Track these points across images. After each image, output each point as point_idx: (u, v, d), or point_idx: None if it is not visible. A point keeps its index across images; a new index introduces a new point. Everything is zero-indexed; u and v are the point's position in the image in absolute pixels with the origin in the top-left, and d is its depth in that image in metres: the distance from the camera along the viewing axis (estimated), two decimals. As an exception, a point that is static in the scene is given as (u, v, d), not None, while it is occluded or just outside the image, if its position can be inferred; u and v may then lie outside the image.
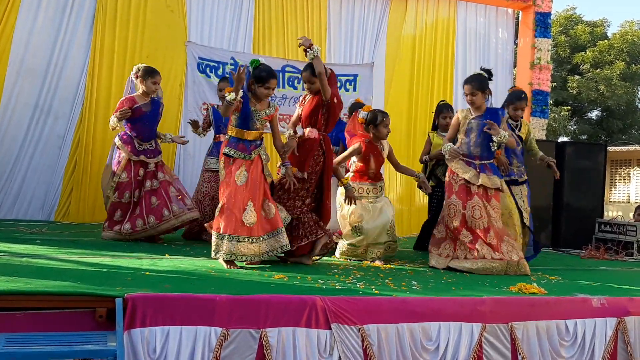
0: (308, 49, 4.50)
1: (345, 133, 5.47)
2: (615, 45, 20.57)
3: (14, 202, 6.84)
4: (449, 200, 4.94)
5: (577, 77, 20.59)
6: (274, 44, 7.98)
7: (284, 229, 4.35)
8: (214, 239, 4.21)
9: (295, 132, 4.67)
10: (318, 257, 4.82)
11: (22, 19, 6.88)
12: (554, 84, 19.24)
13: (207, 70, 7.41)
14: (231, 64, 7.68)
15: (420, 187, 5.31)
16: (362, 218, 4.99)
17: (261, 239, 4.22)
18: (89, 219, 6.93)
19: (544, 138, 9.13)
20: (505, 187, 5.05)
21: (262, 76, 4.34)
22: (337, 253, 5.19)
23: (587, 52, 20.83)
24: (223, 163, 4.32)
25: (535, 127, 8.89)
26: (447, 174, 5.07)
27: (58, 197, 7.05)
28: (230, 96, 4.20)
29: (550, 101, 18.52)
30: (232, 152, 4.31)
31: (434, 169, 6.05)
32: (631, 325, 3.77)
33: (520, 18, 9.71)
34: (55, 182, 7.06)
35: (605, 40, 21.05)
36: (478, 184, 4.82)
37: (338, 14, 8.50)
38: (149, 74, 5.42)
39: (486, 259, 4.70)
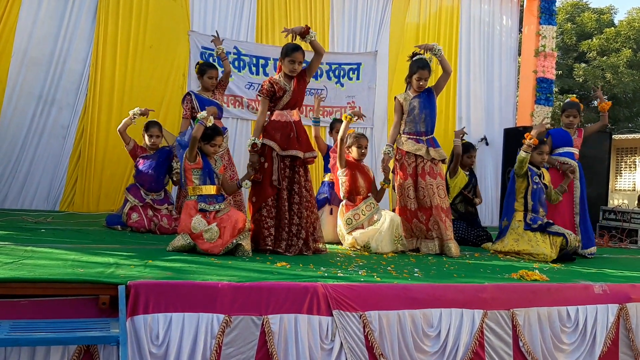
0: (306, 34, 4.55)
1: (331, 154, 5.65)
2: (622, 32, 20.39)
3: (20, 192, 6.86)
4: (404, 182, 5.24)
5: (583, 65, 20.44)
6: (277, 33, 7.93)
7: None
8: None
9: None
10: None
11: (25, 9, 6.87)
12: (560, 72, 19.11)
13: (210, 59, 7.38)
14: (234, 54, 7.67)
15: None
16: (368, 239, 4.99)
17: None
18: (93, 209, 6.96)
19: (549, 126, 9.09)
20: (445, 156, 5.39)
21: (207, 134, 4.42)
22: (345, 244, 5.21)
23: (594, 40, 20.65)
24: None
25: (539, 115, 8.86)
26: (396, 156, 5.34)
27: (63, 187, 7.07)
28: (201, 114, 4.34)
29: (556, 89, 18.42)
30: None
31: (454, 202, 6.14)
32: (633, 311, 3.79)
33: (525, 5, 9.63)
34: (60, 172, 7.08)
35: (612, 28, 20.87)
36: (430, 158, 5.16)
37: (341, 2, 8.45)
38: (145, 128, 5.63)
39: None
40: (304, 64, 4.75)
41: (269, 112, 4.72)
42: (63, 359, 2.73)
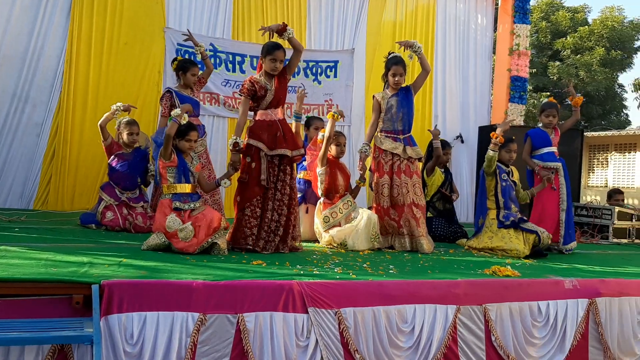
0: (283, 32, 4.54)
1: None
2: (596, 31, 20.71)
3: (-7, 190, 6.79)
4: (380, 180, 5.27)
5: (557, 63, 20.73)
6: (253, 30, 7.93)
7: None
8: None
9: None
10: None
11: (-2, 6, 6.79)
12: (534, 70, 19.34)
13: (186, 56, 7.34)
14: (210, 50, 7.64)
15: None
16: (345, 236, 5.02)
17: None
18: (67, 207, 6.89)
19: (522, 124, 9.23)
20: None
21: (181, 129, 4.41)
22: (322, 242, 5.23)
23: (568, 38, 20.95)
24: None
25: (513, 113, 8.98)
26: (374, 154, 5.38)
27: (37, 185, 6.99)
28: (175, 112, 4.35)
29: (530, 87, 18.67)
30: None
31: (432, 200, 6.20)
32: (602, 306, 3.87)
33: (499, 4, 9.75)
34: (34, 170, 7.00)
35: (586, 26, 21.19)
36: (407, 157, 5.19)
37: (318, 0, 8.47)
38: (125, 125, 5.55)
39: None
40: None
41: (252, 112, 4.71)
42: (37, 358, 2.72)
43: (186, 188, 4.37)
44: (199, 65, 6.03)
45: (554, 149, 5.81)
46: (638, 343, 3.95)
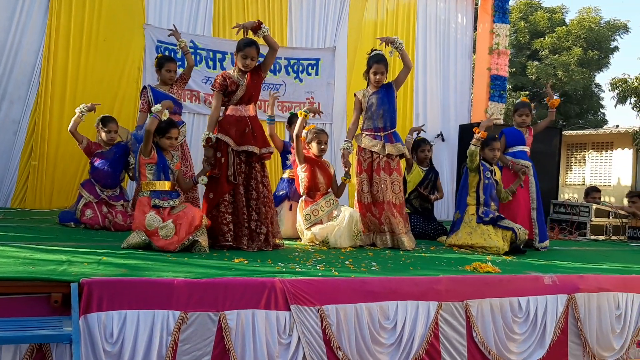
0: (258, 29, 4.52)
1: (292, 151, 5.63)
2: (573, 31, 20.97)
3: (-31, 189, 6.67)
4: (360, 176, 5.31)
5: (536, 62, 20.95)
6: (234, 27, 7.88)
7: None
8: None
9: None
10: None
11: (-26, 1, 6.67)
12: (513, 69, 19.53)
13: (166, 53, 7.28)
14: (191, 47, 7.57)
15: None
16: (327, 234, 5.01)
17: None
18: (46, 206, 6.79)
19: (502, 122, 9.31)
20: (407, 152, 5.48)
21: (162, 127, 4.37)
22: (304, 240, 5.23)
23: (546, 38, 21.19)
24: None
25: (493, 112, 9.06)
26: (356, 151, 5.43)
27: (14, 183, 6.89)
28: (155, 108, 4.32)
29: (509, 86, 18.84)
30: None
31: (409, 197, 6.20)
32: (581, 301, 3.91)
33: (479, 4, 9.82)
34: (12, 168, 6.89)
35: (564, 27, 21.44)
36: (385, 154, 5.19)
37: (299, -3, 8.46)
38: (102, 123, 5.51)
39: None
40: (260, 59, 4.73)
41: (223, 107, 4.69)
42: (15, 357, 2.67)
43: (165, 185, 4.33)
44: (178, 62, 5.97)
45: (526, 148, 5.90)
46: (616, 338, 4.00)
